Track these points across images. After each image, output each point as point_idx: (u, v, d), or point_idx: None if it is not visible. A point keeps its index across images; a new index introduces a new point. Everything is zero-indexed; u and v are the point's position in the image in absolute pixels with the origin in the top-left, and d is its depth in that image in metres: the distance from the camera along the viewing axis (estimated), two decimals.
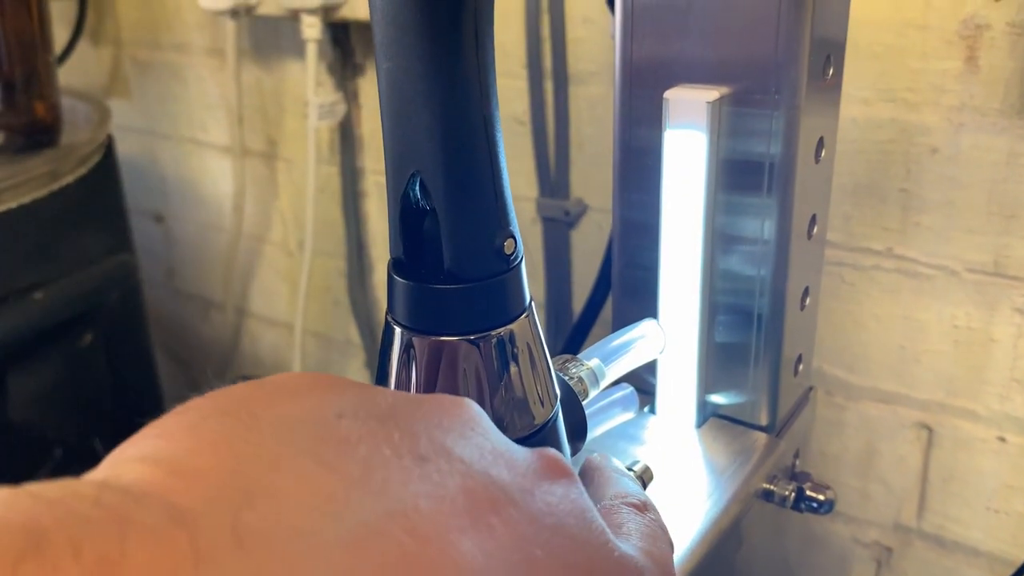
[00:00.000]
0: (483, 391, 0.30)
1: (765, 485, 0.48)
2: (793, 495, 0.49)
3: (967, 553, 0.79)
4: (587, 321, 0.82)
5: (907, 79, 0.70)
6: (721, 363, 0.51)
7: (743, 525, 0.46)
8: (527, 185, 0.94)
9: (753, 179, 0.46)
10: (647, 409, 0.53)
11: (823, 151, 0.48)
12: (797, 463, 0.53)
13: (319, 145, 1.10)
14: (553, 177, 0.92)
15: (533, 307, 0.32)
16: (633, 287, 0.52)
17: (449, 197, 0.29)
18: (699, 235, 0.47)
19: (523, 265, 0.31)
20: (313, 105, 1.01)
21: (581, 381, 0.39)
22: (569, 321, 0.96)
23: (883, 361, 0.78)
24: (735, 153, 0.46)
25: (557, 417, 0.33)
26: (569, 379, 0.39)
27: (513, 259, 0.30)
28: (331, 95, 1.04)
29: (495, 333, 0.30)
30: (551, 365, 0.33)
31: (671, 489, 0.45)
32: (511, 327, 0.31)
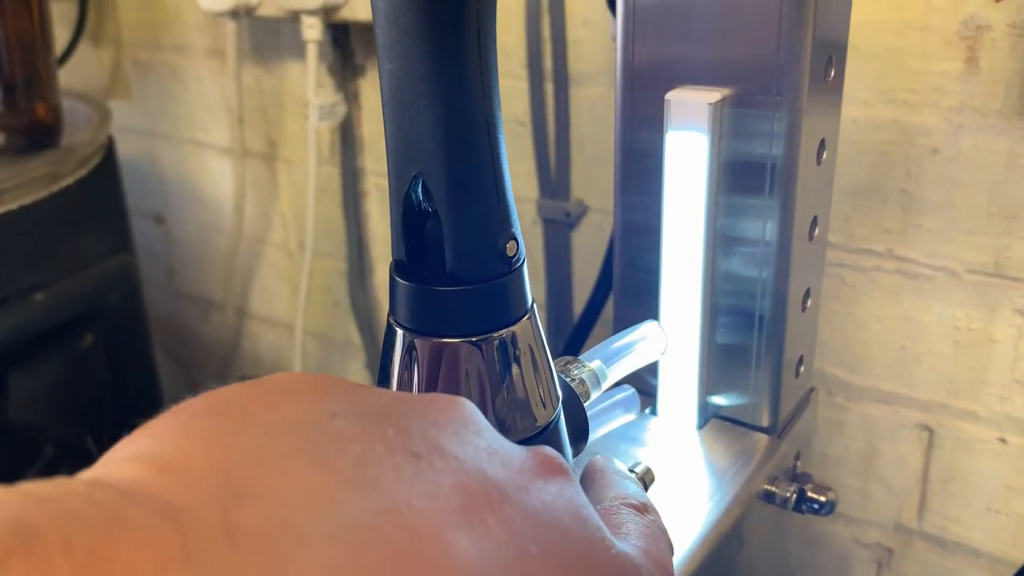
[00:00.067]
0: (485, 393, 0.30)
1: (766, 486, 0.48)
2: (794, 496, 0.49)
3: (968, 554, 0.79)
4: (588, 322, 0.82)
5: (907, 80, 0.70)
6: (722, 364, 0.51)
7: (744, 526, 0.46)
8: (528, 186, 0.94)
9: (755, 181, 0.46)
10: (648, 410, 0.53)
11: (824, 152, 0.48)
12: (798, 464, 0.53)
13: (319, 146, 1.10)
14: (554, 178, 0.92)
15: (535, 309, 0.32)
16: (634, 289, 0.52)
17: (451, 199, 0.29)
18: (700, 237, 0.47)
19: (525, 267, 0.31)
20: (313, 106, 1.01)
21: (583, 383, 0.39)
22: (570, 322, 0.96)
23: (884, 362, 0.78)
24: (736, 155, 0.46)
25: (559, 419, 0.33)
26: (571, 380, 0.39)
27: (515, 261, 0.30)
28: (331, 96, 1.04)
29: (497, 335, 0.30)
30: (553, 367, 0.33)
31: (672, 490, 0.45)
32: (513, 329, 0.31)
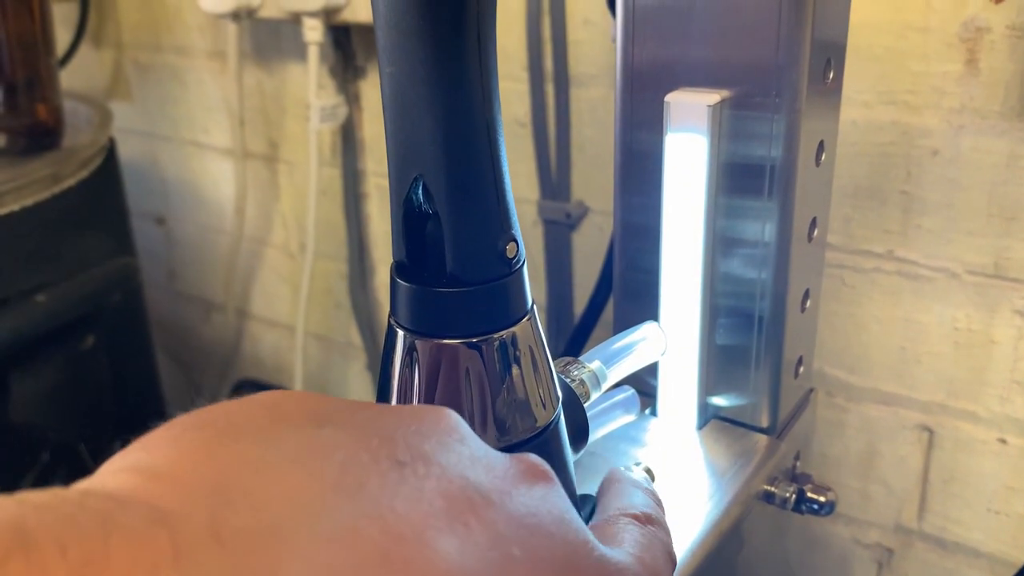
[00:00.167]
0: (485, 394, 0.31)
1: (766, 487, 0.48)
2: (794, 497, 0.49)
3: (968, 554, 0.79)
4: (588, 323, 0.82)
5: (908, 81, 0.70)
6: (722, 365, 0.51)
7: (744, 527, 0.46)
8: (528, 187, 0.94)
9: (754, 182, 0.46)
10: (648, 411, 0.53)
11: (824, 154, 0.48)
12: (798, 465, 0.53)
13: (320, 147, 1.10)
14: (554, 179, 0.92)
15: (535, 310, 0.32)
16: (634, 290, 0.52)
17: (451, 201, 0.29)
18: (700, 238, 0.47)
19: (525, 268, 0.31)
20: (315, 108, 1.01)
21: (583, 383, 0.39)
22: (570, 323, 0.96)
23: (884, 363, 0.78)
24: (736, 156, 0.46)
25: (559, 419, 0.33)
26: (571, 381, 0.39)
27: (515, 262, 0.31)
28: (332, 98, 1.04)
29: (497, 336, 0.30)
30: (553, 368, 0.33)
31: (672, 491, 0.45)
32: (513, 330, 0.31)
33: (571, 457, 0.35)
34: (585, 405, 0.39)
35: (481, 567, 0.21)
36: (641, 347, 0.43)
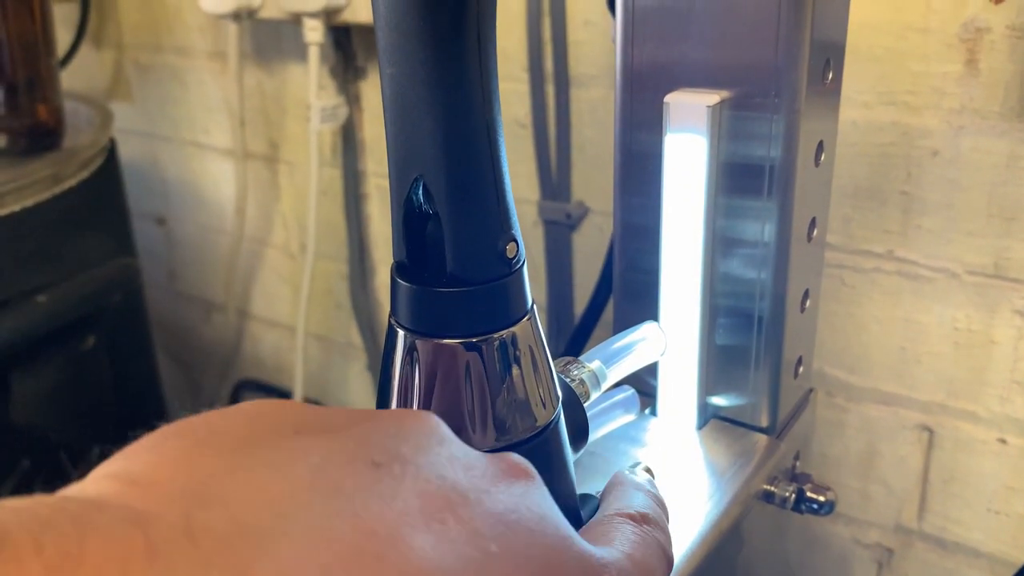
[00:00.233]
0: (485, 393, 0.31)
1: (766, 486, 0.49)
2: (793, 496, 0.49)
3: (968, 554, 0.79)
4: (589, 324, 0.82)
5: (908, 82, 0.70)
6: (722, 365, 0.51)
7: (744, 526, 0.46)
8: (528, 188, 0.94)
9: (753, 182, 0.46)
10: (648, 411, 0.53)
11: (823, 154, 0.48)
12: (797, 464, 0.53)
13: (321, 148, 1.10)
14: (554, 180, 0.92)
15: (535, 310, 0.32)
16: (634, 290, 0.52)
17: (452, 201, 0.29)
18: (700, 238, 0.47)
19: (525, 268, 0.31)
20: (315, 108, 1.02)
21: (582, 383, 0.39)
22: (571, 324, 0.96)
23: (884, 363, 0.78)
24: (735, 157, 0.46)
25: (559, 419, 0.33)
26: (571, 381, 0.39)
27: (515, 262, 0.31)
28: (333, 98, 1.04)
29: (497, 336, 0.30)
30: (553, 367, 0.33)
31: (672, 490, 0.45)
32: (513, 330, 0.31)
33: (571, 457, 0.35)
34: (585, 405, 0.39)
35: (457, 563, 0.22)
36: (641, 347, 0.43)
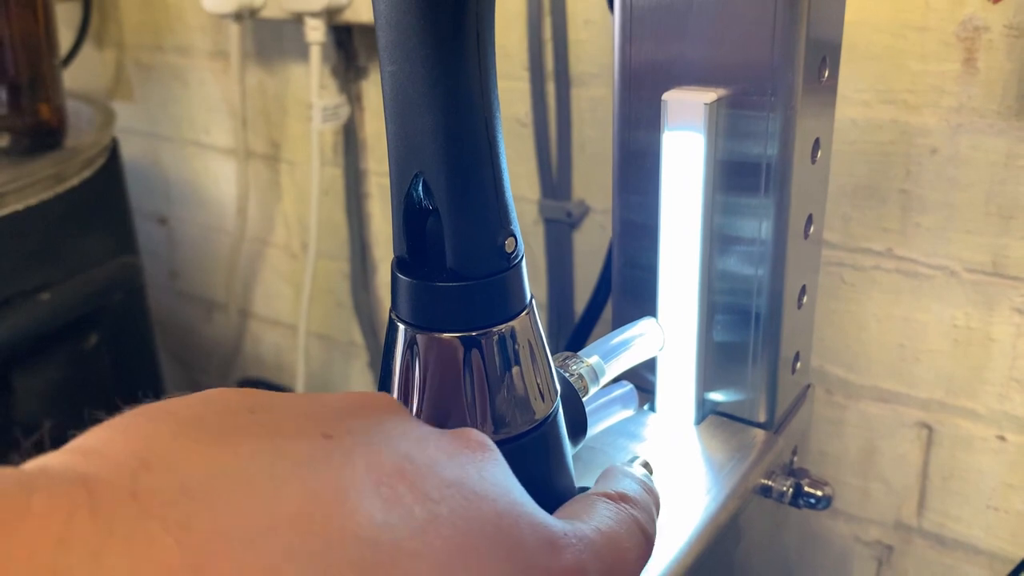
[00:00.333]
0: (484, 386, 0.31)
1: (763, 481, 0.49)
2: (791, 491, 0.50)
3: (967, 551, 0.80)
4: (589, 321, 0.82)
5: (906, 80, 0.70)
6: (720, 361, 0.51)
7: (741, 520, 0.47)
8: (529, 187, 0.94)
9: (750, 180, 0.46)
10: (647, 407, 0.53)
11: (819, 152, 0.49)
12: (795, 459, 0.53)
13: (322, 147, 1.10)
14: (555, 178, 0.92)
15: (534, 304, 0.33)
16: (633, 287, 0.53)
17: (451, 197, 0.29)
18: (697, 235, 0.47)
19: (524, 263, 0.32)
20: (317, 108, 1.02)
21: (581, 378, 0.40)
22: (571, 321, 0.96)
23: (883, 360, 0.78)
24: (732, 154, 0.46)
25: (557, 412, 0.34)
26: (569, 376, 0.39)
27: (514, 257, 0.31)
28: (334, 98, 1.04)
29: (496, 330, 0.31)
30: (551, 361, 0.34)
31: (671, 485, 0.46)
32: (512, 324, 0.31)
33: (570, 450, 0.35)
34: (583, 399, 0.40)
35: (404, 525, 0.22)
36: (639, 342, 0.43)
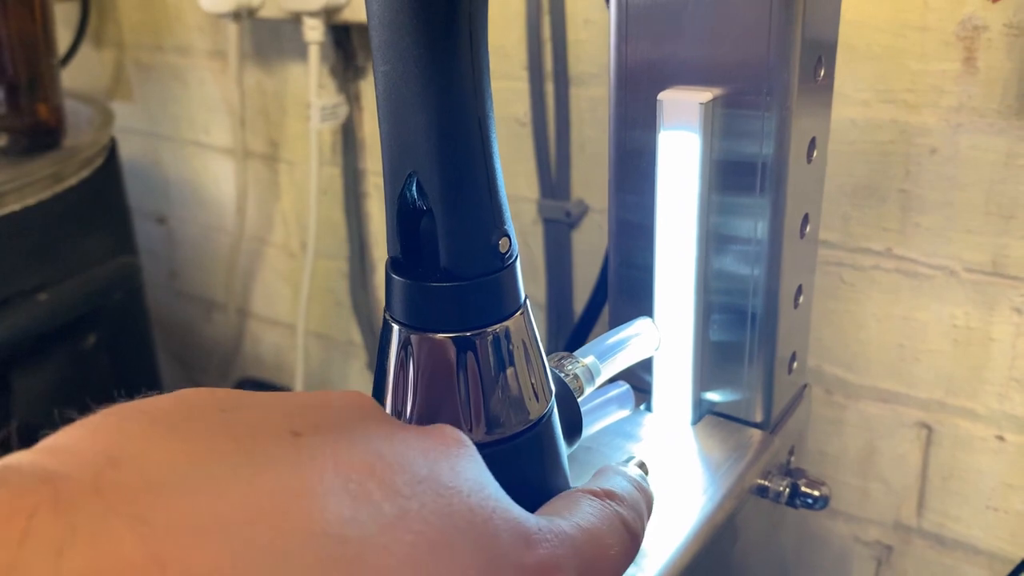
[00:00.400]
0: (479, 387, 0.31)
1: (760, 481, 0.49)
2: (788, 491, 0.49)
3: (967, 551, 0.79)
4: (588, 321, 0.82)
5: (906, 80, 0.70)
6: (716, 361, 0.51)
7: (738, 520, 0.47)
8: (528, 187, 0.94)
9: (746, 180, 0.46)
10: (644, 407, 0.53)
11: (815, 151, 0.49)
12: (792, 459, 0.53)
13: (321, 147, 1.10)
14: (554, 178, 0.92)
15: (528, 304, 0.33)
16: (629, 287, 0.52)
17: (445, 197, 0.29)
18: (693, 235, 0.47)
19: (518, 263, 0.32)
20: (315, 107, 1.02)
21: (576, 378, 0.39)
22: (570, 322, 0.96)
23: (883, 360, 0.78)
24: (728, 154, 0.46)
25: (552, 412, 0.34)
26: (564, 376, 0.39)
27: (508, 257, 0.31)
28: (333, 97, 1.04)
29: (491, 330, 0.31)
30: (546, 361, 0.34)
31: (667, 485, 0.46)
32: (506, 324, 0.31)
33: (565, 450, 0.35)
34: (579, 400, 0.39)
35: (372, 520, 0.22)
36: (635, 342, 0.43)
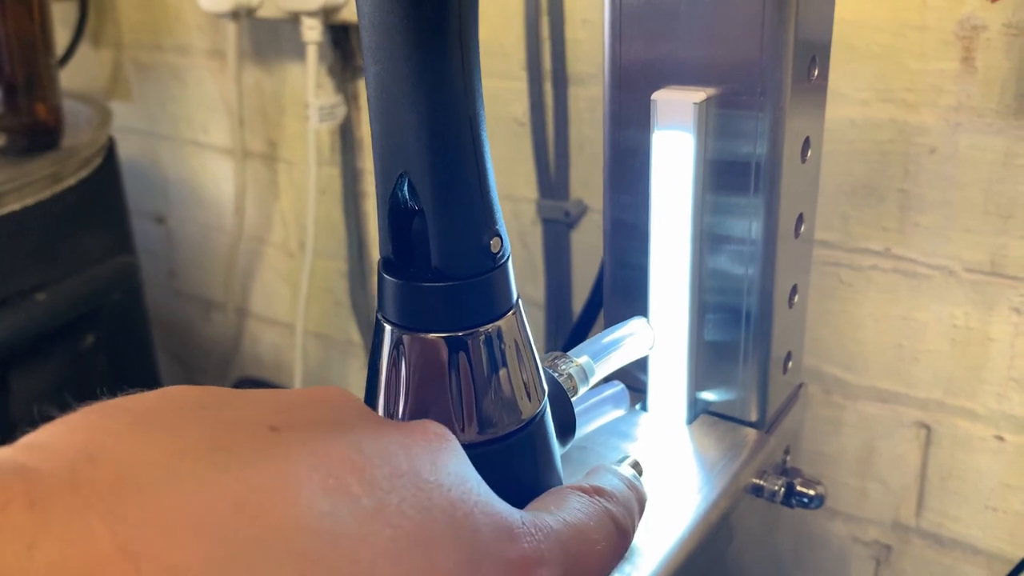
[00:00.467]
0: (471, 387, 0.31)
1: (755, 480, 0.49)
2: (783, 490, 0.49)
3: (965, 551, 0.79)
4: (587, 321, 0.82)
5: (905, 79, 0.70)
6: (711, 361, 0.51)
7: (733, 519, 0.46)
8: (527, 186, 0.94)
9: (740, 179, 0.46)
10: (639, 406, 0.53)
11: (809, 151, 0.49)
12: (788, 459, 0.53)
13: (319, 147, 1.10)
14: (553, 178, 0.92)
15: (520, 304, 0.32)
16: (624, 287, 0.52)
17: (436, 197, 0.29)
18: (688, 235, 0.47)
19: (510, 263, 0.32)
20: (313, 107, 1.02)
21: (570, 378, 0.39)
22: (569, 321, 0.96)
23: (881, 360, 0.78)
24: (722, 154, 0.46)
25: (545, 412, 0.34)
26: (558, 375, 0.39)
27: (500, 257, 0.31)
28: (331, 97, 1.04)
29: (483, 330, 0.31)
30: (539, 361, 0.34)
31: (662, 484, 0.45)
32: (499, 324, 0.31)
33: (558, 450, 0.35)
34: (573, 399, 0.39)
35: (350, 514, 0.22)
36: (629, 342, 0.43)
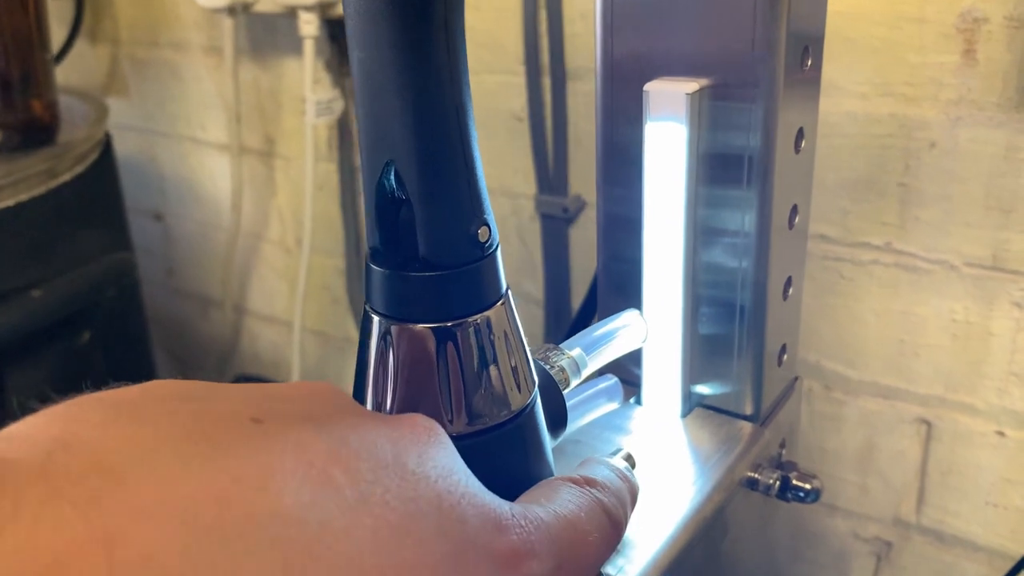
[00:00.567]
0: (459, 378, 0.30)
1: (750, 473, 0.48)
2: (778, 484, 0.49)
3: (966, 547, 0.79)
4: (585, 317, 0.82)
5: (905, 73, 0.69)
6: (705, 354, 0.51)
7: (728, 513, 0.46)
8: (525, 182, 0.94)
9: (733, 172, 0.46)
10: (633, 399, 0.53)
11: (803, 142, 0.48)
12: (783, 453, 0.53)
13: (317, 142, 1.10)
14: (551, 174, 0.92)
15: (510, 295, 0.32)
16: (618, 280, 0.52)
17: (422, 185, 0.29)
18: (681, 228, 0.47)
19: (499, 253, 0.31)
20: (310, 102, 1.02)
21: (562, 370, 0.39)
22: (568, 317, 0.96)
23: (882, 356, 0.78)
24: (715, 146, 0.46)
25: (535, 404, 0.33)
26: (550, 368, 0.39)
27: (488, 246, 0.30)
28: (328, 92, 1.04)
29: (471, 320, 0.30)
30: (528, 352, 0.33)
31: (656, 477, 0.45)
32: (487, 314, 0.31)
33: (548, 442, 0.35)
34: (566, 392, 0.39)
35: (334, 505, 0.21)
36: (622, 335, 0.42)
